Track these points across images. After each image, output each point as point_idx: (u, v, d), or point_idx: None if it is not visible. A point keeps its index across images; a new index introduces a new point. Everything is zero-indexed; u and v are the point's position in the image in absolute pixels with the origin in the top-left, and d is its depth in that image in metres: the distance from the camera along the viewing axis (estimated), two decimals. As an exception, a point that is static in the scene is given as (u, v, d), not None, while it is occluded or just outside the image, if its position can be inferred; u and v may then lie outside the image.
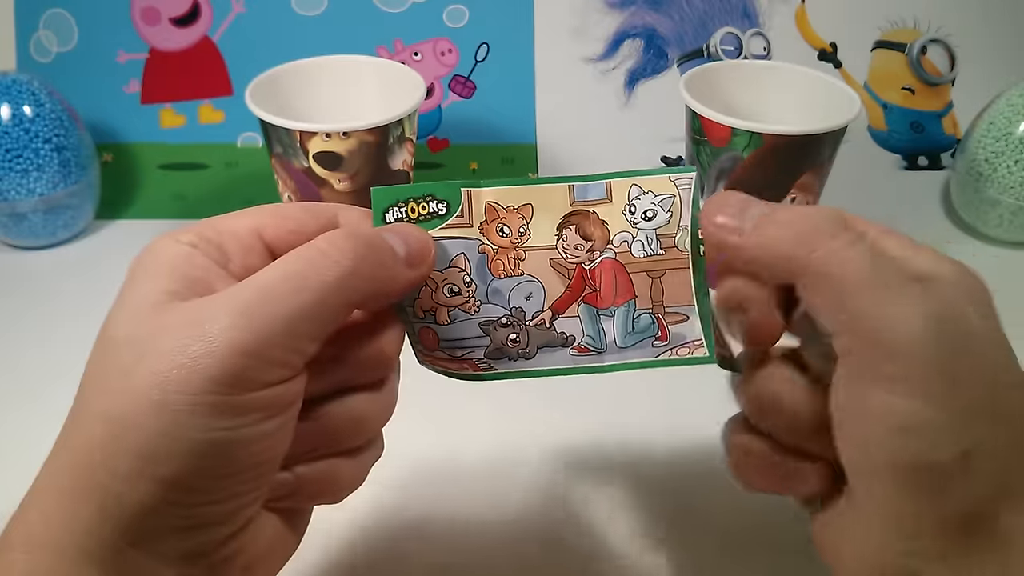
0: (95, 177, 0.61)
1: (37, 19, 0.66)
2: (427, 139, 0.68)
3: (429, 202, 0.27)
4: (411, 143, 0.54)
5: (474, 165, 0.67)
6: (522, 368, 0.28)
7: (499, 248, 0.28)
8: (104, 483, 0.22)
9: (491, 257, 0.28)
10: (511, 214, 0.28)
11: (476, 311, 0.28)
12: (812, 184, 0.52)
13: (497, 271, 0.28)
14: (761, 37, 0.69)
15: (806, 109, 0.55)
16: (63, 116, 0.58)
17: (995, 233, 0.62)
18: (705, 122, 0.51)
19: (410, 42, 0.68)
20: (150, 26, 0.67)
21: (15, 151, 0.56)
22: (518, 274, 0.28)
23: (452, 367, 0.28)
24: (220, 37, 0.67)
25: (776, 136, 0.49)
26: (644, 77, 0.69)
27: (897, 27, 0.70)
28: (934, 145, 0.70)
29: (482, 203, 0.27)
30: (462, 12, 0.68)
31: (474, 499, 0.40)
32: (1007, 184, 0.60)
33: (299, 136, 0.50)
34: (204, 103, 0.67)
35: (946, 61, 0.70)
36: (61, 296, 0.56)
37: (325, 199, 0.52)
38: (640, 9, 0.69)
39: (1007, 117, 0.60)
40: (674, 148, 0.68)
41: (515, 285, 0.28)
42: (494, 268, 0.28)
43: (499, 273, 0.28)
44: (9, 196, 0.57)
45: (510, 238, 0.28)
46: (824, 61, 0.70)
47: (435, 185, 0.27)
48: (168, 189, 0.66)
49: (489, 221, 0.28)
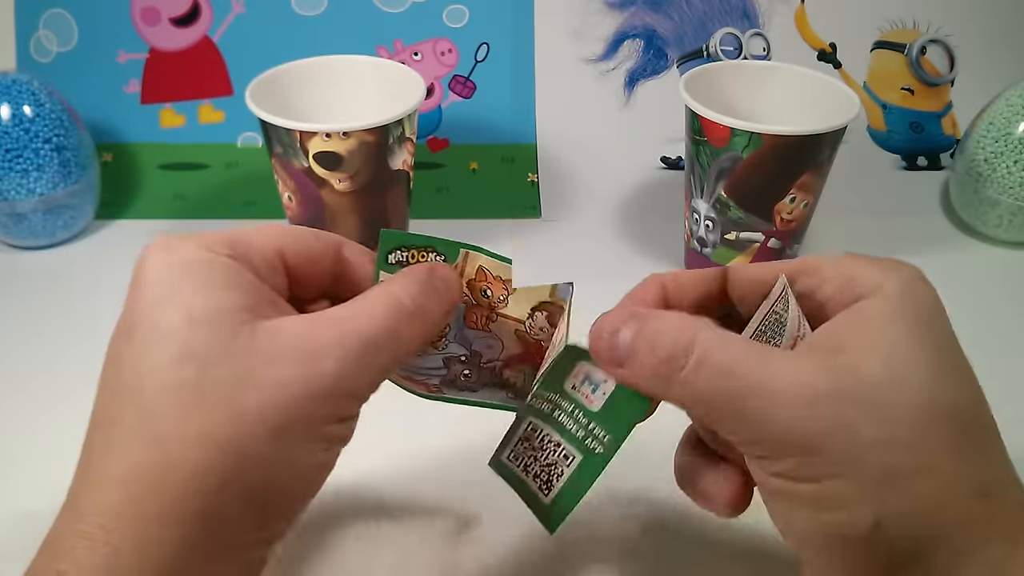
0: (95, 177, 0.61)
1: (37, 19, 0.66)
2: (427, 139, 0.68)
3: (429, 252, 0.30)
4: (411, 143, 0.54)
5: (474, 165, 0.67)
6: (466, 397, 0.33)
7: (477, 305, 0.31)
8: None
9: (468, 310, 0.31)
10: (496, 282, 0.31)
11: (443, 348, 0.32)
12: (812, 184, 0.52)
13: (471, 322, 0.32)
14: (761, 37, 0.69)
15: (806, 109, 0.55)
16: (63, 116, 0.58)
17: (995, 233, 0.62)
18: (705, 122, 0.51)
19: (410, 42, 0.68)
20: (150, 26, 0.67)
21: (15, 151, 0.56)
22: (487, 331, 0.32)
23: (408, 384, 0.32)
24: (220, 37, 0.67)
25: (776, 136, 0.49)
26: (644, 77, 0.69)
27: (897, 27, 0.70)
28: (933, 145, 0.70)
29: (475, 265, 0.31)
30: (462, 12, 0.68)
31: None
32: (1007, 184, 0.60)
33: (299, 136, 0.50)
34: (204, 103, 0.67)
35: (945, 61, 0.70)
36: (61, 296, 0.56)
37: (325, 199, 0.52)
38: (640, 9, 0.69)
39: (1006, 117, 0.60)
40: (674, 148, 0.68)
41: (482, 337, 0.32)
42: (468, 319, 0.32)
43: (471, 324, 0.32)
44: (9, 196, 0.57)
45: (490, 300, 0.31)
46: (824, 61, 0.70)
47: (439, 240, 0.30)
48: (168, 189, 0.66)
49: (476, 281, 0.31)
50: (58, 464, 0.27)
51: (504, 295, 0.31)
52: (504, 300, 0.31)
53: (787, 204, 0.52)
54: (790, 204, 0.52)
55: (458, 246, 0.30)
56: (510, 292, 0.31)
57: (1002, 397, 0.49)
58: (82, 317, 0.53)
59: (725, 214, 0.53)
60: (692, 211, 0.56)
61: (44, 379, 0.49)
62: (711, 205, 0.53)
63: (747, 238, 0.53)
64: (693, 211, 0.55)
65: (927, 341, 0.24)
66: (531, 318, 0.32)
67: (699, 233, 0.55)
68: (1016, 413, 0.49)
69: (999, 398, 0.51)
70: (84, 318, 0.53)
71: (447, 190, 0.66)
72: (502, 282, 0.31)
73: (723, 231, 0.54)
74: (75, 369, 0.50)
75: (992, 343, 0.52)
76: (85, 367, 0.52)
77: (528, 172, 0.67)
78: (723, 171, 0.52)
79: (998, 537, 0.23)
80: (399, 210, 0.56)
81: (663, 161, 0.68)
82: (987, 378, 0.26)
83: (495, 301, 0.31)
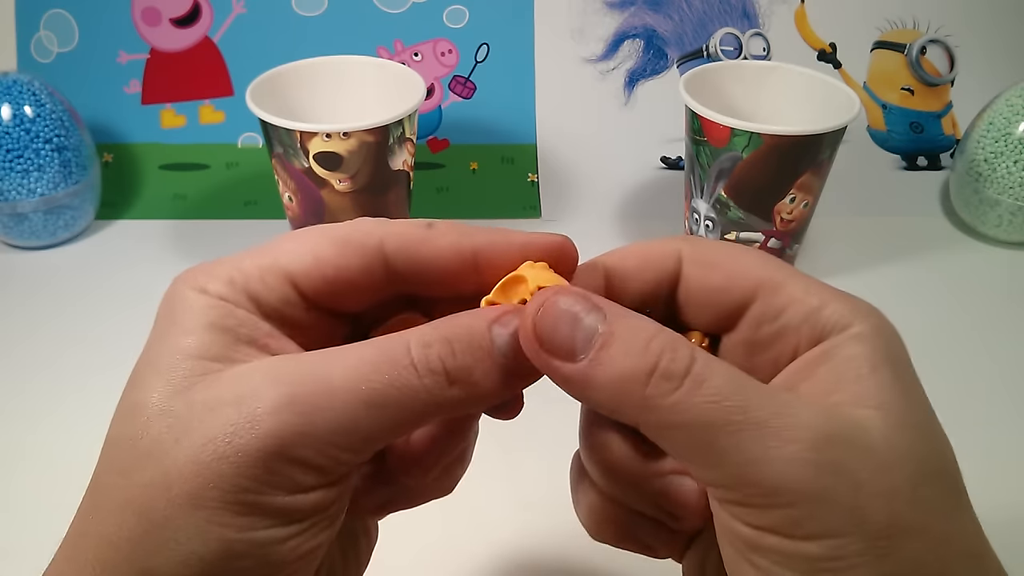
0: (96, 177, 0.61)
1: (38, 20, 0.66)
2: (427, 139, 0.68)
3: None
4: (411, 143, 0.54)
5: (474, 165, 0.67)
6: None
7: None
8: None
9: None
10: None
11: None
12: (811, 184, 0.52)
13: None
14: (761, 37, 0.69)
15: (805, 109, 0.55)
16: (64, 116, 0.58)
17: (995, 233, 0.62)
18: (705, 122, 0.51)
19: (410, 42, 0.68)
20: (151, 26, 0.67)
21: (16, 151, 0.56)
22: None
23: None
24: (220, 37, 0.67)
25: (776, 136, 0.49)
26: (644, 77, 0.69)
27: (897, 27, 0.70)
28: (933, 145, 0.70)
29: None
30: (462, 12, 0.68)
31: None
32: (1007, 184, 0.60)
33: (299, 136, 0.50)
34: (205, 103, 0.68)
35: (945, 61, 0.70)
36: (61, 296, 0.56)
37: (325, 199, 0.53)
38: (640, 10, 0.69)
39: (1006, 117, 0.60)
40: (674, 148, 0.68)
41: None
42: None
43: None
44: (10, 196, 0.57)
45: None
46: (823, 61, 0.70)
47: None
48: (169, 189, 0.66)
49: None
50: (58, 464, 0.27)
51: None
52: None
53: (787, 204, 0.52)
54: (790, 204, 0.52)
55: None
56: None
57: (1002, 397, 0.49)
58: (82, 317, 0.53)
59: (725, 214, 0.53)
60: (692, 211, 0.56)
61: (44, 379, 0.49)
62: (711, 205, 0.54)
63: (747, 238, 0.53)
64: (693, 211, 0.55)
65: (910, 392, 0.22)
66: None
67: (699, 233, 0.55)
68: (1016, 413, 0.49)
69: (998, 397, 0.51)
70: (84, 318, 0.53)
71: (447, 190, 0.66)
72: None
73: (723, 231, 0.54)
74: (75, 369, 0.50)
75: (992, 343, 0.53)
76: (85, 367, 0.52)
77: (528, 172, 0.67)
78: (723, 171, 0.52)
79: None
80: (399, 210, 0.56)
81: (663, 161, 0.68)
82: (987, 378, 0.26)
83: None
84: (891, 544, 0.20)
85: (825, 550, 0.20)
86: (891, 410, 0.21)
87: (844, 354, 0.22)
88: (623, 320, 0.21)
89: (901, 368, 0.22)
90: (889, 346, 0.22)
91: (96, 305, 0.55)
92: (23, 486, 0.41)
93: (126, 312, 0.53)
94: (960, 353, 0.51)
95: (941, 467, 0.21)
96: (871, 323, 0.22)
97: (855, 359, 0.22)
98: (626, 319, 0.21)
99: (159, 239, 0.61)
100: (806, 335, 0.23)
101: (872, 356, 0.22)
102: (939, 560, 0.21)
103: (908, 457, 0.21)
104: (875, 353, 0.22)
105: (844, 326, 0.22)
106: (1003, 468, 0.44)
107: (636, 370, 0.20)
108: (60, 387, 0.47)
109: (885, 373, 0.22)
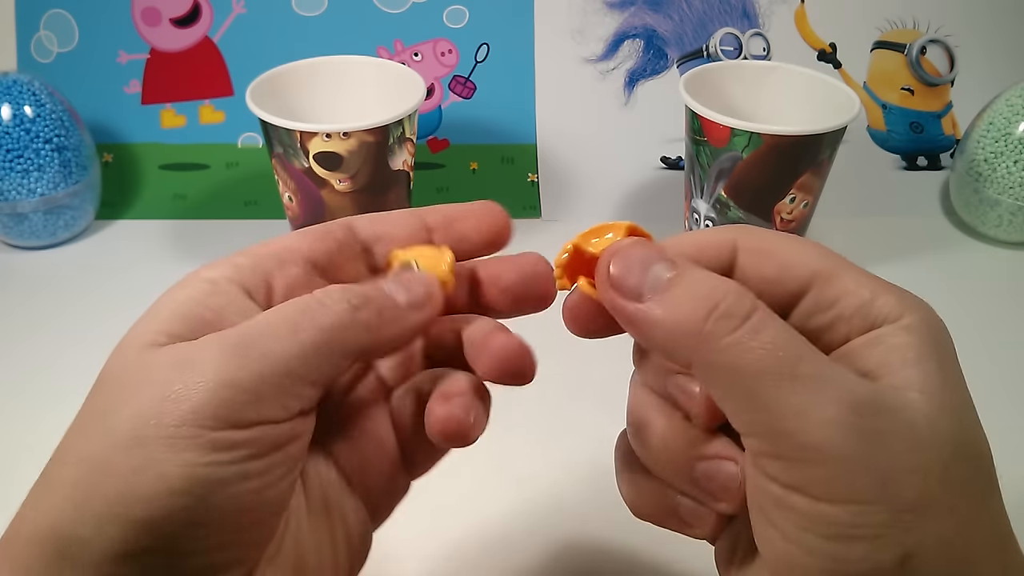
0: (96, 177, 0.61)
1: (38, 20, 0.66)
2: (427, 139, 0.68)
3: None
4: (411, 143, 0.54)
5: (474, 165, 0.67)
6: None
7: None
8: (68, 530, 0.21)
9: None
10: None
11: None
12: (812, 184, 0.52)
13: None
14: (761, 37, 0.69)
15: (805, 109, 0.55)
16: (64, 116, 0.58)
17: (994, 233, 0.62)
18: (705, 122, 0.51)
19: (410, 42, 0.68)
20: (151, 27, 0.67)
21: (16, 151, 0.56)
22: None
23: None
24: (220, 37, 0.67)
25: (776, 136, 0.49)
26: (644, 77, 0.69)
27: (897, 27, 0.70)
28: (933, 145, 0.70)
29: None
30: (462, 12, 0.68)
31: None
32: (1007, 184, 0.60)
33: (299, 136, 0.50)
34: (205, 103, 0.68)
35: (945, 61, 0.70)
36: (61, 296, 0.56)
37: (325, 199, 0.53)
38: (640, 10, 0.69)
39: (1006, 117, 0.60)
40: (674, 148, 0.68)
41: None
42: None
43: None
44: (10, 196, 0.57)
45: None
46: (823, 61, 0.70)
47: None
48: (169, 189, 0.66)
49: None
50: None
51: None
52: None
53: (787, 204, 0.52)
54: (790, 204, 0.52)
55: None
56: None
57: (1002, 397, 0.49)
58: (82, 317, 0.53)
59: (725, 214, 0.53)
60: (692, 211, 0.56)
61: (44, 379, 0.49)
62: (711, 205, 0.54)
63: (747, 238, 0.54)
64: (693, 211, 0.55)
65: (953, 383, 0.23)
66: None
67: (699, 233, 0.55)
68: (1017, 413, 0.49)
69: (998, 397, 0.51)
70: (84, 318, 0.53)
71: (447, 190, 0.66)
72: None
73: (723, 231, 0.54)
74: (75, 369, 0.50)
75: (992, 343, 0.53)
76: (85, 367, 0.52)
77: (528, 172, 0.67)
78: (723, 171, 0.52)
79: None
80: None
81: (663, 161, 0.68)
82: (988, 377, 0.26)
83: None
84: (916, 520, 0.21)
85: (850, 516, 0.20)
86: (934, 395, 0.22)
87: (893, 342, 0.23)
88: (691, 270, 0.23)
89: (946, 359, 0.23)
90: (936, 338, 0.23)
91: (96, 305, 0.55)
92: (23, 486, 0.41)
93: (126, 312, 0.53)
94: (960, 353, 0.51)
95: (976, 453, 0.22)
96: (920, 315, 0.23)
97: (903, 347, 0.23)
98: (694, 269, 0.23)
99: (159, 239, 0.61)
100: (857, 326, 0.24)
101: (919, 346, 0.23)
102: (964, 541, 0.21)
103: (946, 439, 0.21)
104: (923, 343, 0.23)
105: (895, 318, 0.23)
106: (1003, 468, 0.44)
107: (698, 308, 0.22)
108: (60, 387, 0.47)
109: (931, 362, 0.22)
